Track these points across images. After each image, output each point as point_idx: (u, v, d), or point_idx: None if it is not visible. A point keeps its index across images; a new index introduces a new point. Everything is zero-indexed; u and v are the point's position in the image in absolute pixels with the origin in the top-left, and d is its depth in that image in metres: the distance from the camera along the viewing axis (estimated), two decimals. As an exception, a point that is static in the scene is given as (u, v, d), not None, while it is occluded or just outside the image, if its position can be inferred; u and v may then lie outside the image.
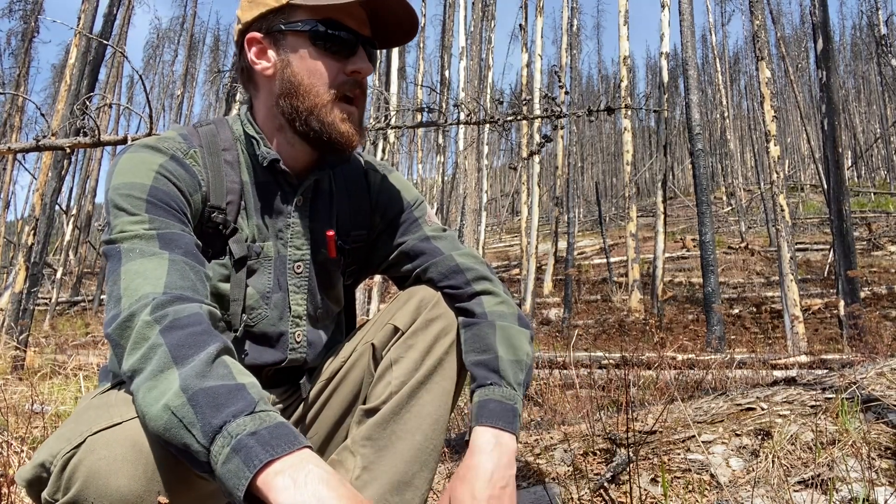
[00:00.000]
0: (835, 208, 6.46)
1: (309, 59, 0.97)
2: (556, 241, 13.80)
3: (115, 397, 0.77)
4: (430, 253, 1.10)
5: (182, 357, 0.72)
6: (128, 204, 0.87)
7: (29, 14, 19.50)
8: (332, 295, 1.12)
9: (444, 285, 1.07)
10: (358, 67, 0.98)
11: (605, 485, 1.54)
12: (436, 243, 1.12)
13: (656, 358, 4.38)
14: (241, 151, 1.03)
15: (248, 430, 0.67)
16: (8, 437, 1.90)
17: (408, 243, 1.12)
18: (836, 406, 1.73)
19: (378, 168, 1.18)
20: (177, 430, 0.68)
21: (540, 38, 13.70)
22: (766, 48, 7.01)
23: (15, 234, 20.36)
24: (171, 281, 0.81)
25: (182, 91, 26.04)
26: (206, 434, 0.67)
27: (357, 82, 1.00)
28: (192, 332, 0.75)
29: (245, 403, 0.70)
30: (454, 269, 1.08)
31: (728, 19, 27.59)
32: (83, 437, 0.71)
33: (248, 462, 0.65)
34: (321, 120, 0.97)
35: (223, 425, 0.67)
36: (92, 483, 0.68)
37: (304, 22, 0.97)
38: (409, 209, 1.15)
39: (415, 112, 3.08)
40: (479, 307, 1.04)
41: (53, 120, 6.12)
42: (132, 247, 0.84)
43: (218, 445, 0.66)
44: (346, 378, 1.05)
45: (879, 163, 31.89)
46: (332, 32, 0.97)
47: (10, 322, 5.41)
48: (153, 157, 0.93)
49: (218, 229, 0.98)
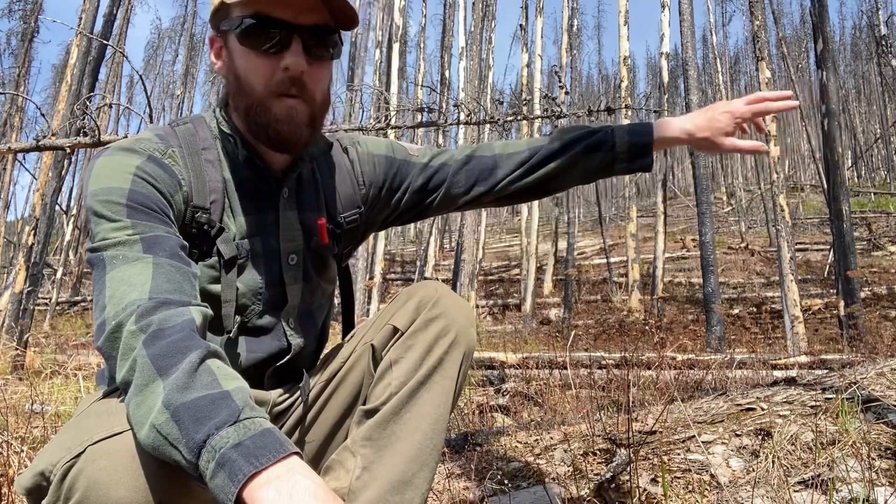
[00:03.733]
0: (835, 208, 6.46)
1: (244, 58, 0.95)
2: (556, 241, 13.81)
3: (115, 405, 0.76)
4: (440, 169, 1.18)
5: (165, 368, 0.71)
6: (108, 210, 0.85)
7: (28, 14, 19.50)
8: (327, 277, 1.13)
9: (477, 177, 1.19)
10: (287, 63, 0.93)
11: (605, 485, 1.54)
12: (435, 161, 1.19)
13: (656, 358, 4.38)
14: (220, 149, 1.02)
15: (232, 443, 0.65)
16: (8, 436, 1.89)
17: (414, 183, 1.17)
18: (836, 406, 1.73)
19: (353, 143, 1.18)
20: (165, 448, 0.67)
21: (540, 39, 13.70)
22: (766, 48, 7.01)
23: (15, 234, 20.35)
24: (155, 285, 0.80)
25: (182, 91, 26.04)
26: (191, 450, 0.66)
27: (292, 79, 0.94)
28: (173, 341, 0.74)
29: (228, 413, 0.68)
30: (467, 160, 1.19)
31: (728, 19, 27.59)
32: (84, 447, 0.70)
33: (232, 477, 0.63)
34: (259, 116, 0.95)
35: (206, 439, 0.66)
36: (92, 493, 0.67)
37: (232, 20, 0.95)
38: (392, 158, 1.17)
39: (415, 112, 3.08)
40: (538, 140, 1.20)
41: (54, 120, 6.12)
42: (116, 254, 0.83)
43: (204, 460, 0.65)
44: (346, 379, 1.05)
45: (879, 163, 31.88)
46: (255, 29, 0.93)
47: (10, 322, 5.41)
48: (129, 159, 0.91)
49: (203, 229, 0.97)
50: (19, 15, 19.70)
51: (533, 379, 4.12)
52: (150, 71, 29.22)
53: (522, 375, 4.35)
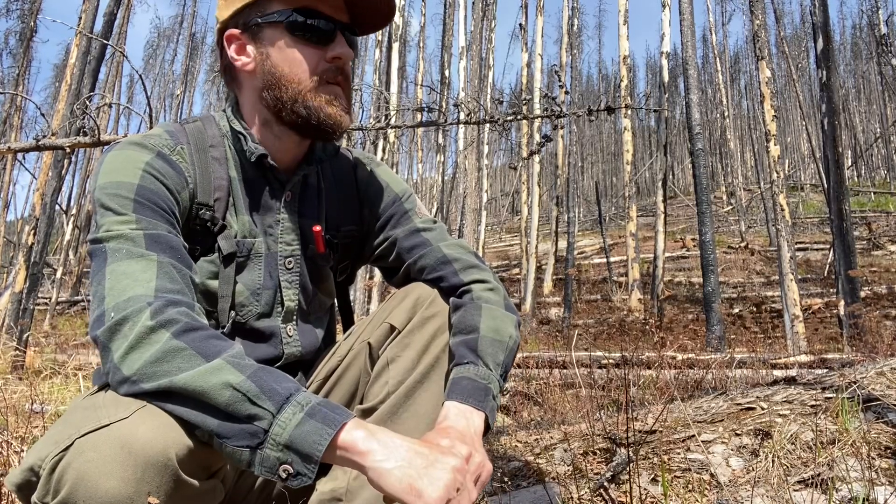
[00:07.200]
0: (835, 208, 6.45)
1: (287, 50, 0.97)
2: (556, 240, 13.80)
3: (102, 399, 0.76)
4: (419, 245, 1.10)
5: (213, 354, 0.75)
6: (115, 203, 0.86)
7: (27, 13, 19.48)
8: (324, 288, 1.12)
9: (433, 276, 1.07)
10: (338, 53, 0.98)
11: (605, 484, 1.54)
12: (425, 235, 1.11)
13: (656, 357, 4.38)
14: (228, 147, 1.03)
15: (316, 400, 0.73)
16: (8, 436, 1.89)
17: (397, 235, 1.12)
18: (836, 406, 1.73)
19: (366, 162, 1.17)
20: (240, 405, 0.71)
21: (540, 38, 13.69)
22: (766, 48, 7.00)
23: (15, 233, 20.35)
24: (161, 284, 0.81)
25: (182, 90, 26.02)
26: (276, 403, 0.71)
27: (339, 69, 1.00)
28: (210, 335, 0.78)
29: (296, 384, 0.76)
30: (442, 260, 1.07)
31: (728, 19, 27.59)
32: (71, 440, 0.70)
33: (327, 422, 0.71)
34: (307, 105, 0.97)
35: (290, 396, 0.73)
36: (81, 485, 0.67)
37: (280, 13, 0.97)
38: (399, 202, 1.15)
39: (415, 112, 3.08)
40: (469, 294, 1.04)
41: (54, 120, 6.12)
42: (118, 247, 0.83)
43: (288, 413, 0.71)
44: (343, 377, 1.05)
45: (879, 162, 31.87)
46: (309, 21, 0.97)
47: (10, 322, 5.41)
48: (140, 154, 0.92)
49: (206, 226, 0.98)
50: (17, 14, 19.69)
51: (533, 378, 4.12)
52: (149, 70, 29.23)
53: (522, 375, 4.35)
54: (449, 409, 0.90)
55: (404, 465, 0.71)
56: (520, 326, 1.06)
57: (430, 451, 0.74)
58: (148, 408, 0.73)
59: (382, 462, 0.71)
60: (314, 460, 0.70)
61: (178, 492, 0.72)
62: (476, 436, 0.86)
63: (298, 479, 0.70)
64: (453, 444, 0.80)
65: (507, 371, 1.00)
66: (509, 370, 1.02)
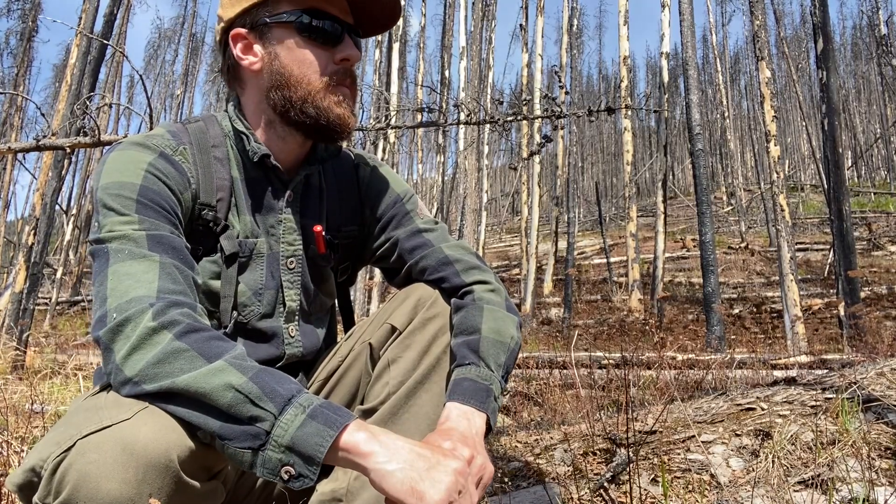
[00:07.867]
0: (835, 208, 6.46)
1: (297, 50, 0.97)
2: (556, 241, 13.80)
3: (104, 399, 0.76)
4: (421, 245, 1.10)
5: (215, 355, 0.75)
6: (117, 204, 0.86)
7: (27, 13, 19.49)
8: (325, 289, 1.12)
9: (435, 277, 1.07)
10: (346, 55, 0.99)
11: (605, 485, 1.54)
12: (427, 236, 1.11)
13: (656, 358, 4.38)
14: (230, 147, 1.02)
15: (318, 402, 0.73)
16: (8, 436, 1.89)
17: (399, 236, 1.12)
18: (837, 406, 1.73)
19: (368, 162, 1.17)
20: (242, 406, 0.71)
21: (540, 38, 13.68)
22: (766, 48, 7.00)
23: (15, 234, 20.35)
24: (163, 285, 0.81)
25: (182, 91, 26.03)
26: (277, 404, 0.72)
27: (347, 70, 1.00)
28: (213, 336, 0.78)
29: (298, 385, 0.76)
30: (444, 261, 1.07)
31: (728, 19, 27.55)
32: (73, 441, 0.70)
33: (329, 424, 0.71)
34: (317, 106, 0.97)
35: (291, 397, 0.73)
36: (82, 487, 0.67)
37: (290, 13, 0.97)
38: (400, 202, 1.15)
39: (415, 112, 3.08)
40: (470, 295, 1.04)
41: (54, 120, 6.12)
42: (121, 247, 0.83)
43: (290, 414, 0.71)
44: (344, 378, 1.05)
45: (879, 163, 31.88)
46: (318, 22, 0.97)
47: (10, 322, 5.41)
48: (142, 154, 0.92)
49: (209, 226, 0.98)
50: (18, 14, 19.69)
51: (533, 379, 4.12)
52: (150, 71, 29.22)
53: (522, 375, 4.35)
54: (450, 410, 0.90)
55: (406, 468, 0.71)
56: (521, 327, 1.06)
57: (432, 454, 0.74)
58: (150, 409, 0.73)
59: (384, 464, 0.71)
60: (316, 462, 0.70)
61: (179, 493, 0.72)
62: (478, 437, 0.86)
63: (300, 481, 0.70)
64: (455, 446, 0.80)
65: (508, 372, 1.00)
66: (511, 371, 1.02)
